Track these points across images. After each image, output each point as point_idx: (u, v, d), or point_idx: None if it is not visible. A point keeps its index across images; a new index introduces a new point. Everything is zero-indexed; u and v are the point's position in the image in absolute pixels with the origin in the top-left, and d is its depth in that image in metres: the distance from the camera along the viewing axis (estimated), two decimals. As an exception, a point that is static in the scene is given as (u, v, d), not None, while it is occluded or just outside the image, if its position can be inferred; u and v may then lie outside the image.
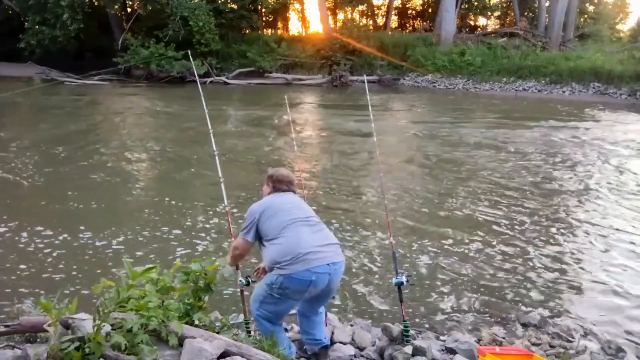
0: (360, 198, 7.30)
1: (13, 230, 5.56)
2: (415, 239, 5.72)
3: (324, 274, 2.69)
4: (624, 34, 36.08)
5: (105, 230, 5.61)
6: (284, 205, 2.90)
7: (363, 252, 5.29)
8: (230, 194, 6.59)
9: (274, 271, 2.72)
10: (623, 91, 20.86)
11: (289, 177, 3.08)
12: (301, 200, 3.13)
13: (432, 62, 25.56)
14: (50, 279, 4.51)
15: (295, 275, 2.64)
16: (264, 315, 2.83)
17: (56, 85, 21.08)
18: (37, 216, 6.02)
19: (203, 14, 24.64)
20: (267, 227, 2.80)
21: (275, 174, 3.08)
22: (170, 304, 1.95)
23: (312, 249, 2.69)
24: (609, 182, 8.32)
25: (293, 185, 3.08)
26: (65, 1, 23.08)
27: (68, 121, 13.15)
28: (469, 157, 10.03)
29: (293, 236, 2.73)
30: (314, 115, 16.61)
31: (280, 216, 2.82)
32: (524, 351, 2.98)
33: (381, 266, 4.97)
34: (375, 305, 4.27)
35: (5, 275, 4.52)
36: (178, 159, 9.53)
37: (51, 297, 1.98)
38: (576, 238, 5.89)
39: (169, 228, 5.79)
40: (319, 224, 2.91)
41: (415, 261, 5.13)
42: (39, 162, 8.81)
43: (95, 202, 6.65)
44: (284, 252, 2.69)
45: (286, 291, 2.70)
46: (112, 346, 1.70)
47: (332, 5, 34.87)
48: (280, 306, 2.80)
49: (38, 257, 4.92)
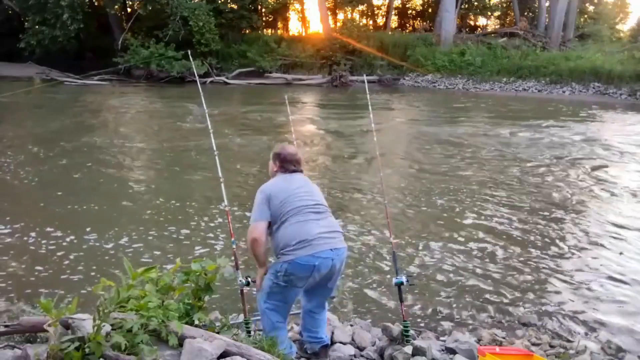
0: (360, 197, 7.30)
1: (13, 230, 5.56)
2: (416, 238, 5.72)
3: (327, 258, 2.74)
4: (624, 34, 36.12)
5: (105, 230, 5.61)
6: (294, 190, 2.85)
7: (363, 251, 5.29)
8: (230, 194, 6.59)
9: (280, 258, 2.77)
10: (623, 91, 20.85)
11: (296, 156, 3.00)
12: (309, 182, 3.05)
13: (432, 62, 25.56)
14: (51, 279, 4.51)
15: (299, 260, 2.69)
16: (272, 307, 2.86)
17: (56, 85, 21.09)
18: (37, 217, 6.02)
19: (203, 14, 24.66)
20: (277, 212, 2.79)
21: (282, 152, 2.99)
22: (170, 304, 1.95)
23: (317, 236, 2.73)
24: (610, 183, 8.31)
25: (300, 164, 3.01)
26: (65, 1, 23.10)
27: (68, 121, 13.15)
28: (469, 157, 10.03)
29: (301, 223, 2.76)
30: (313, 115, 16.60)
31: (291, 202, 2.79)
32: (524, 351, 2.98)
33: (381, 266, 4.97)
34: (375, 305, 4.27)
35: (5, 276, 4.52)
36: (178, 159, 9.53)
37: (51, 296, 1.98)
38: (577, 238, 5.88)
39: (168, 228, 5.80)
40: (325, 212, 2.92)
41: (416, 261, 5.13)
42: (38, 162, 8.82)
43: (95, 202, 6.65)
44: (290, 238, 2.73)
45: (291, 277, 2.74)
46: (112, 346, 1.70)
47: (332, 5, 34.87)
48: (286, 294, 2.83)
49: (38, 257, 4.92)
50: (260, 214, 2.80)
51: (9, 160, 8.77)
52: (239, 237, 5.35)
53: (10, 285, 4.36)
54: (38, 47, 24.66)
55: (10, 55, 25.60)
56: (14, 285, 4.35)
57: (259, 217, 2.80)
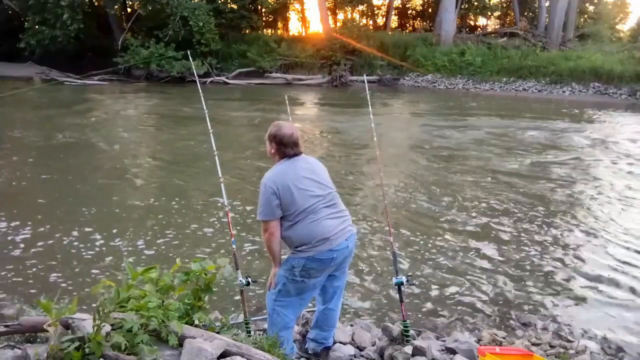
0: (360, 197, 7.30)
1: (13, 230, 5.56)
2: (416, 238, 5.72)
3: (343, 248, 2.77)
4: (624, 34, 36.10)
5: (105, 230, 5.61)
6: (301, 181, 2.72)
7: (363, 251, 5.29)
8: (230, 194, 6.60)
9: (295, 254, 2.73)
10: (623, 91, 20.86)
11: (293, 136, 2.77)
12: (312, 164, 2.89)
13: (432, 62, 25.57)
14: (51, 279, 4.51)
15: (318, 255, 2.69)
16: (285, 304, 2.83)
17: (56, 85, 21.09)
18: (36, 217, 6.02)
19: (203, 14, 24.66)
20: (288, 209, 2.69)
21: (278, 133, 2.77)
22: (170, 304, 1.95)
23: (334, 231, 2.73)
24: (611, 183, 8.31)
25: (298, 146, 2.80)
26: (65, 1, 23.09)
27: (67, 121, 13.14)
28: (470, 157, 10.03)
29: (316, 222, 2.71)
30: (313, 115, 16.61)
31: (302, 200, 2.70)
32: (524, 351, 2.97)
33: (381, 266, 4.97)
34: (375, 305, 4.27)
35: (5, 276, 4.52)
36: (178, 159, 9.53)
37: (51, 296, 1.98)
38: (577, 239, 5.88)
39: (168, 228, 5.80)
40: (334, 198, 2.85)
41: (416, 261, 5.13)
42: (37, 162, 8.82)
43: (95, 202, 6.65)
44: (308, 237, 2.69)
45: (310, 271, 2.73)
46: (112, 346, 1.70)
47: (332, 5, 34.86)
48: (302, 289, 2.80)
49: (38, 257, 4.92)
50: (272, 212, 2.69)
51: (9, 160, 8.77)
52: (239, 237, 5.38)
53: (11, 285, 4.36)
54: (38, 47, 24.65)
55: (10, 55, 25.60)
56: (14, 285, 4.35)
57: (271, 216, 2.70)
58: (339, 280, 3.01)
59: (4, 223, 5.73)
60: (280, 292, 2.82)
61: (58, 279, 4.50)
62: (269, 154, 2.90)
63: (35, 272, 4.61)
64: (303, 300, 2.89)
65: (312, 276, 2.76)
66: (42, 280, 4.48)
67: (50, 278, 4.52)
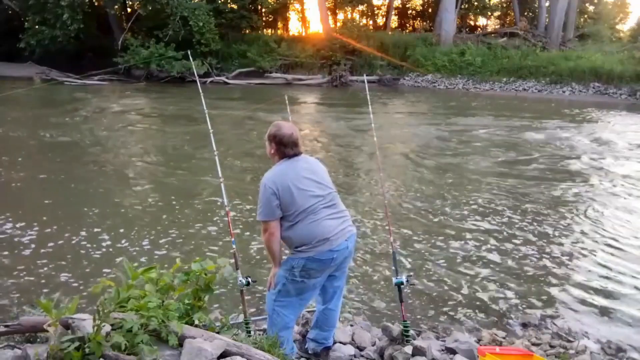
0: (360, 197, 7.30)
1: (13, 230, 5.56)
2: (416, 238, 5.72)
3: (343, 249, 2.78)
4: (624, 34, 36.10)
5: (105, 230, 5.61)
6: (301, 182, 2.72)
7: (363, 251, 5.29)
8: (230, 194, 6.60)
9: (295, 254, 2.74)
10: (623, 91, 20.87)
11: (293, 136, 2.77)
12: (312, 164, 2.89)
13: (432, 62, 25.57)
14: (51, 279, 4.51)
15: (318, 256, 2.70)
16: (285, 304, 2.83)
17: (56, 85, 21.08)
18: (36, 217, 6.01)
19: (203, 14, 24.66)
20: (288, 210, 2.70)
21: (278, 133, 2.77)
22: (170, 304, 1.95)
23: (334, 232, 2.73)
24: (611, 184, 8.32)
25: (298, 146, 2.80)
26: (65, 1, 23.09)
27: (67, 121, 13.15)
28: (470, 157, 10.03)
29: (316, 222, 2.71)
30: (313, 115, 16.60)
31: (302, 200, 2.70)
32: (524, 351, 2.97)
33: (381, 266, 4.97)
34: (375, 305, 4.27)
35: (5, 276, 4.52)
36: (178, 159, 9.53)
37: (51, 296, 1.98)
38: (576, 238, 5.89)
39: (168, 228, 5.79)
40: (334, 198, 2.85)
41: (416, 261, 5.13)
42: (38, 162, 8.82)
43: (95, 202, 6.65)
44: (308, 237, 2.69)
45: (310, 271, 2.74)
46: (112, 346, 1.70)
47: (332, 5, 34.85)
48: (302, 289, 2.80)
49: (38, 257, 4.92)
50: (272, 213, 2.69)
51: (9, 160, 8.76)
52: (239, 237, 5.37)
53: (11, 285, 4.35)
54: (38, 47, 24.65)
55: (10, 55, 25.58)
56: (14, 285, 4.35)
57: (271, 216, 2.70)
58: (339, 280, 3.01)
59: (4, 223, 5.73)
60: (280, 293, 2.82)
61: (58, 279, 4.50)
62: (268, 154, 2.89)
63: (35, 272, 4.60)
64: (303, 300, 2.89)
65: (312, 276, 2.76)
66: (42, 280, 4.47)
67: (51, 278, 4.51)
